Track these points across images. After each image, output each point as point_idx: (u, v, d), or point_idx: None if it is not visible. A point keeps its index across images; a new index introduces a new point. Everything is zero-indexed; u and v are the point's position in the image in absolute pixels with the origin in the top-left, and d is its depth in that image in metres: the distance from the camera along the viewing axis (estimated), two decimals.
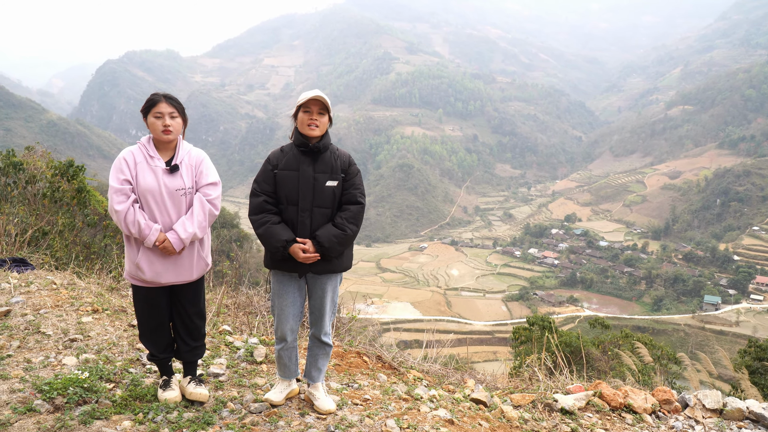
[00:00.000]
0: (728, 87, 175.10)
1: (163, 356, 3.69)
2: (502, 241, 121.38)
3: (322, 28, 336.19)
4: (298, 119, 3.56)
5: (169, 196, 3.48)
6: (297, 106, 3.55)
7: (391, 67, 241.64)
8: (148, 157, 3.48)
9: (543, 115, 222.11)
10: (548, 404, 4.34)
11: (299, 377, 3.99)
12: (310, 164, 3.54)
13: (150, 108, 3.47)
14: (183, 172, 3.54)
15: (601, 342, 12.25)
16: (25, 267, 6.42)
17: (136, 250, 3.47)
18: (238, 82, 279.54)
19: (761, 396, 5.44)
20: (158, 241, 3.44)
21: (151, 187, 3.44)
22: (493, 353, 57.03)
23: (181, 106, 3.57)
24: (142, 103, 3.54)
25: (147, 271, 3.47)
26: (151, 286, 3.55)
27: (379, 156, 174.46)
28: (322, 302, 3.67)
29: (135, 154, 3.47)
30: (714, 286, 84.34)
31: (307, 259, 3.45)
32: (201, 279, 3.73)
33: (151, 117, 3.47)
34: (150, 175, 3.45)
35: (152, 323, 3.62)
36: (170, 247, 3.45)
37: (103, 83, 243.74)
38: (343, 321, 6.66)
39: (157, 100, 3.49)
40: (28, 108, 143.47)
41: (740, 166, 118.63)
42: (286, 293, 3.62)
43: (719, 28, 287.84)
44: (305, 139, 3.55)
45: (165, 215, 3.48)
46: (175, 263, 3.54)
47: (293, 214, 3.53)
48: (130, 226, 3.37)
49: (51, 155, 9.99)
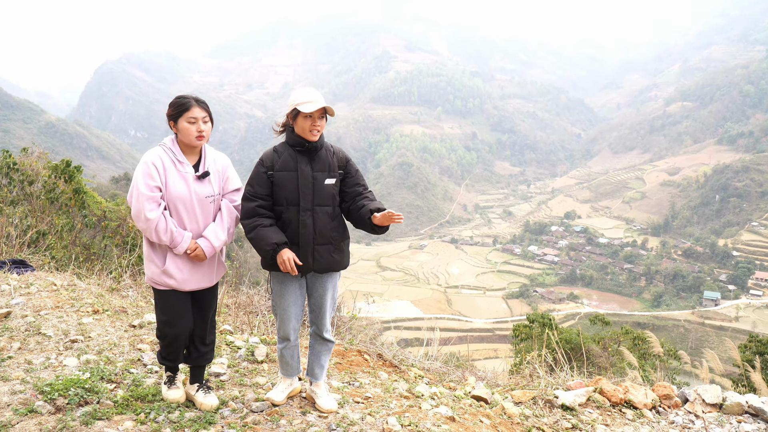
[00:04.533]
0: (727, 83, 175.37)
1: (178, 363, 3.63)
2: (502, 238, 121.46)
3: (320, 27, 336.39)
4: (297, 123, 3.46)
5: (199, 203, 3.42)
6: (295, 109, 3.44)
7: (389, 66, 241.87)
8: (177, 162, 3.37)
9: (542, 112, 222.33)
10: (549, 400, 4.35)
11: (301, 375, 3.99)
12: (308, 163, 3.50)
13: (183, 112, 3.33)
14: (212, 178, 3.48)
15: (602, 338, 12.27)
16: (25, 268, 6.42)
17: (163, 256, 3.39)
18: (237, 81, 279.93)
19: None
20: (190, 249, 3.39)
21: (182, 194, 3.36)
22: (494, 351, 57.09)
23: (209, 109, 3.47)
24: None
25: (176, 277, 3.41)
26: (179, 291, 3.47)
27: (378, 155, 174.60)
28: (323, 300, 3.65)
29: (162, 158, 3.33)
30: (713, 281, 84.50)
31: (292, 270, 3.39)
32: (217, 283, 3.70)
33: (183, 122, 3.33)
34: (181, 182, 3.36)
35: (179, 329, 3.50)
36: (202, 254, 3.40)
37: (101, 84, 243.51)
38: (344, 320, 6.67)
39: (189, 104, 3.34)
40: (27, 109, 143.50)
41: (739, 162, 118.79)
42: (287, 293, 3.59)
43: (717, 24, 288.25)
44: (301, 139, 3.49)
45: (194, 222, 3.43)
46: (201, 268, 3.50)
47: (294, 214, 3.48)
48: (161, 234, 3.29)
49: (48, 156, 9.97)
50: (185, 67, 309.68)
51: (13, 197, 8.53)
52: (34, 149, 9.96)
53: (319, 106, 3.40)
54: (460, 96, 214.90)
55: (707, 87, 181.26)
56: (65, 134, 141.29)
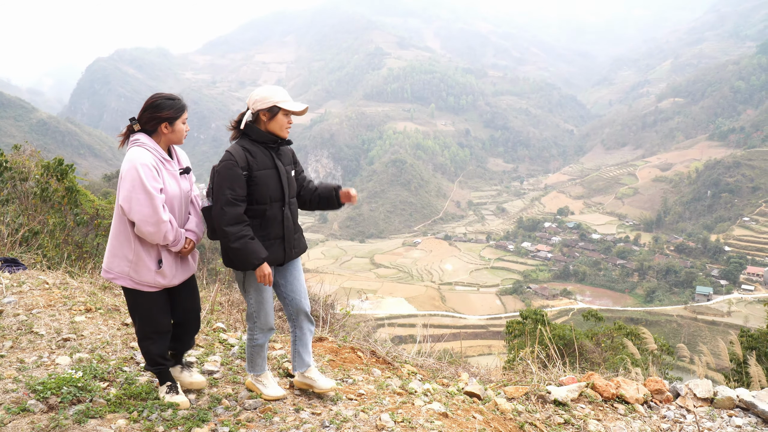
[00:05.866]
0: (718, 79, 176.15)
1: (167, 360, 3.62)
2: (496, 235, 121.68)
3: (313, 23, 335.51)
4: (275, 120, 3.51)
5: (185, 200, 3.50)
6: (275, 107, 3.50)
7: (382, 63, 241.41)
8: (164, 162, 3.39)
9: (535, 108, 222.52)
10: (541, 396, 4.37)
11: (291, 372, 4.01)
12: (279, 159, 3.60)
13: (180, 114, 3.40)
14: (189, 173, 3.58)
15: (595, 334, 12.34)
16: (16, 267, 6.39)
17: (157, 257, 3.38)
18: (230, 78, 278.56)
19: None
20: (187, 245, 3.46)
21: (175, 192, 3.40)
22: (488, 347, 57.26)
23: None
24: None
25: (168, 275, 3.42)
26: (161, 290, 3.48)
27: (371, 152, 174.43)
28: (302, 280, 3.78)
29: (152, 159, 3.31)
30: (706, 276, 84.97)
31: (269, 283, 3.47)
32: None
33: (180, 123, 3.41)
34: (172, 181, 3.40)
35: (165, 326, 3.53)
36: (194, 247, 3.49)
37: (93, 81, 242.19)
38: (338, 317, 6.68)
39: (184, 105, 3.43)
40: (18, 107, 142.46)
41: (730, 158, 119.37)
42: (266, 287, 3.63)
43: (708, 20, 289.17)
44: (273, 135, 3.55)
45: (181, 218, 3.48)
46: (186, 261, 3.57)
47: (278, 210, 3.56)
48: (169, 234, 3.30)
49: (40, 154, 9.92)
50: (177, 64, 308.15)
51: (4, 195, 8.49)
52: (26, 147, 9.90)
53: (305, 107, 3.54)
54: (453, 93, 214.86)
55: (698, 83, 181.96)
56: (57, 132, 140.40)
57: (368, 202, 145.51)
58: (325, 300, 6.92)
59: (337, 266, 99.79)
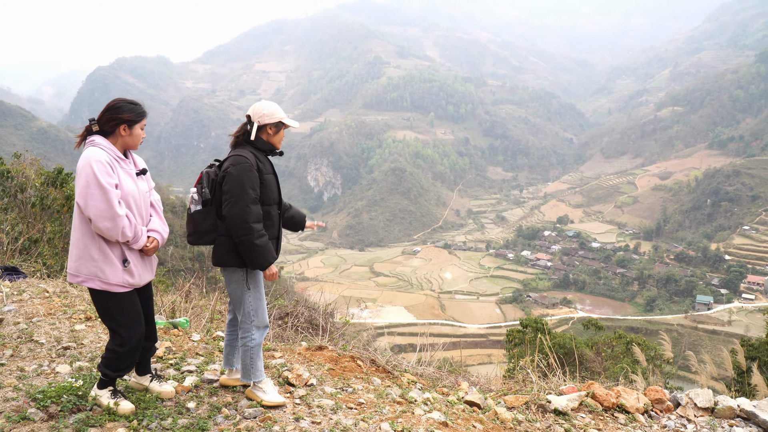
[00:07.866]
0: (717, 88, 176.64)
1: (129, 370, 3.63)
2: (495, 243, 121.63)
3: (312, 33, 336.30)
4: (278, 134, 3.87)
5: (142, 199, 3.55)
6: (281, 122, 3.86)
7: (382, 72, 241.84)
8: (119, 160, 3.45)
9: (534, 117, 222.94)
10: (541, 405, 4.36)
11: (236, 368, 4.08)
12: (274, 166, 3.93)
13: (140, 119, 3.53)
14: (147, 175, 3.68)
15: (595, 343, 12.32)
16: (17, 275, 6.40)
17: (121, 255, 3.41)
18: (230, 87, 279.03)
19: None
20: (149, 243, 3.51)
21: (132, 191, 3.45)
22: (488, 356, 57.11)
23: None
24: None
25: (135, 274, 3.47)
26: (133, 289, 3.52)
27: (371, 160, 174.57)
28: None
29: (106, 156, 3.35)
30: (706, 285, 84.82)
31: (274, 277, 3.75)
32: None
33: (138, 128, 3.53)
34: (129, 179, 3.46)
35: (142, 330, 3.53)
36: (157, 247, 3.55)
37: (93, 90, 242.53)
38: (337, 326, 6.67)
39: (145, 113, 3.57)
40: (18, 115, 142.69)
41: (730, 166, 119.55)
42: (261, 284, 3.84)
43: (707, 29, 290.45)
44: (273, 146, 3.88)
45: (140, 218, 3.52)
46: (149, 261, 3.63)
47: (277, 212, 3.84)
48: (127, 230, 3.34)
49: (40, 162, 9.95)
50: (177, 73, 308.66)
51: (4, 204, 8.50)
52: (26, 156, 9.93)
53: (298, 124, 4.01)
54: (453, 101, 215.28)
55: (697, 92, 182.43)
56: (57, 141, 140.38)
57: (368, 210, 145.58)
58: (325, 308, 6.92)
59: (336, 275, 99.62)
